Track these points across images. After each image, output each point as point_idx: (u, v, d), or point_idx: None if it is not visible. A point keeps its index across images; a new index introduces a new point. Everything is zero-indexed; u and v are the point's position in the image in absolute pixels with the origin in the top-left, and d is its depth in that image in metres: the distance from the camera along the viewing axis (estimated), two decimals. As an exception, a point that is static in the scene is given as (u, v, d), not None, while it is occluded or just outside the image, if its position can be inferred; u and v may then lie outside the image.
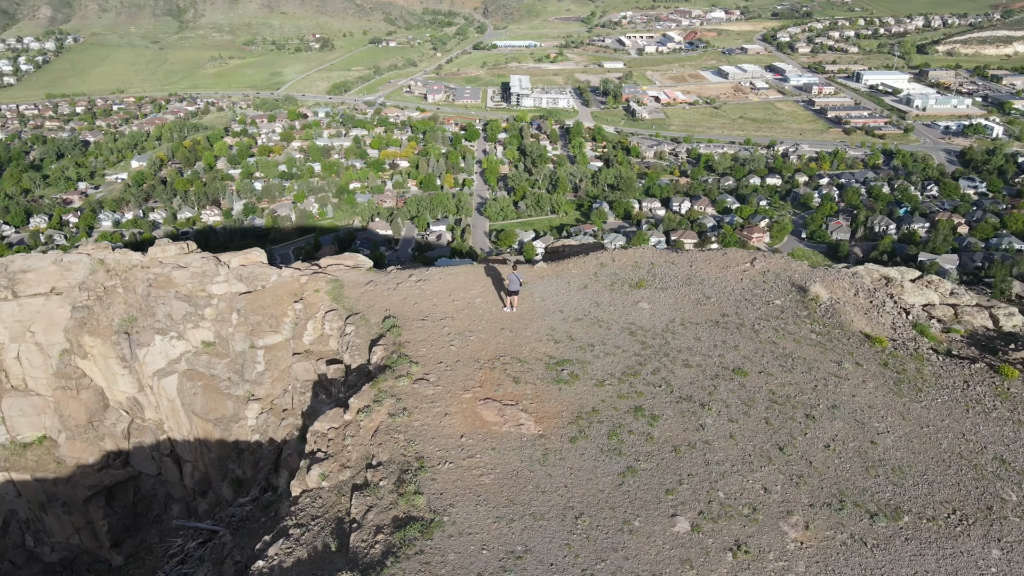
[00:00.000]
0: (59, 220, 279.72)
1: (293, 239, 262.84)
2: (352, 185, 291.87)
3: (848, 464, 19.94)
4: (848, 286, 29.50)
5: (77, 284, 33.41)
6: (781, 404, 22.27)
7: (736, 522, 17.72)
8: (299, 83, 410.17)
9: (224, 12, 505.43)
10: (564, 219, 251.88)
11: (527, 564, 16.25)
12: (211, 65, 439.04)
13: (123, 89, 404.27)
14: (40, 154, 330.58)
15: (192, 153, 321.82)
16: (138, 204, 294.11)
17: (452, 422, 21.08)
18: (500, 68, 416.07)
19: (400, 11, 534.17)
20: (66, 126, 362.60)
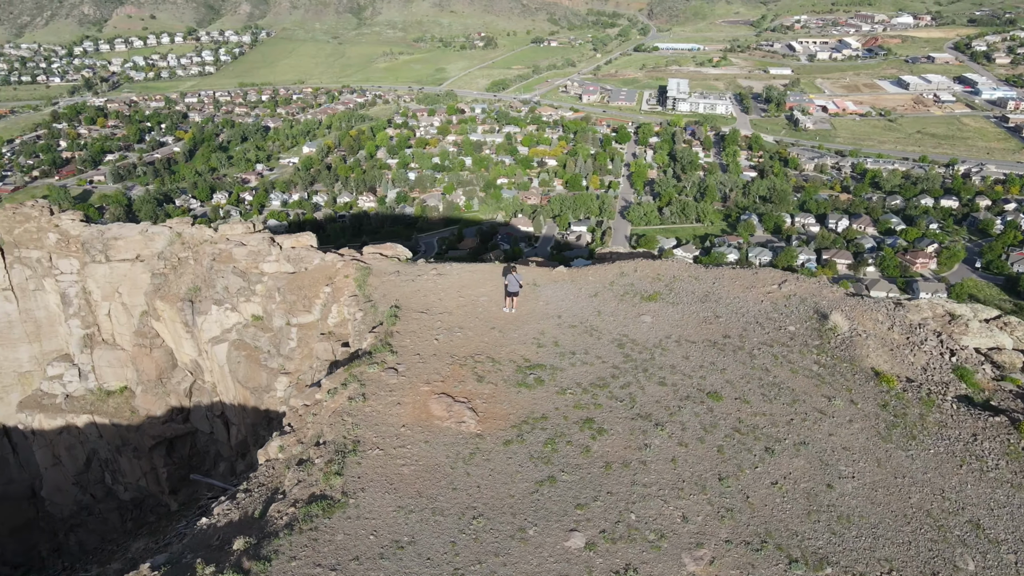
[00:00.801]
0: (237, 197, 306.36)
1: (439, 229, 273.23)
2: (499, 180, 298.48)
3: (790, 505, 18.66)
4: (883, 318, 27.16)
5: (157, 253, 37.40)
6: (743, 434, 21.12)
7: (636, 547, 17.19)
8: (460, 79, 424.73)
9: (399, 10, 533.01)
10: (709, 229, 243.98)
11: (405, 555, 16.72)
12: (382, 60, 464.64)
13: (303, 80, 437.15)
14: (228, 137, 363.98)
15: (356, 142, 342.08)
16: (304, 187, 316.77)
17: (400, 412, 21.84)
18: (659, 71, 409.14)
19: (564, 11, 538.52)
20: (252, 112, 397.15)
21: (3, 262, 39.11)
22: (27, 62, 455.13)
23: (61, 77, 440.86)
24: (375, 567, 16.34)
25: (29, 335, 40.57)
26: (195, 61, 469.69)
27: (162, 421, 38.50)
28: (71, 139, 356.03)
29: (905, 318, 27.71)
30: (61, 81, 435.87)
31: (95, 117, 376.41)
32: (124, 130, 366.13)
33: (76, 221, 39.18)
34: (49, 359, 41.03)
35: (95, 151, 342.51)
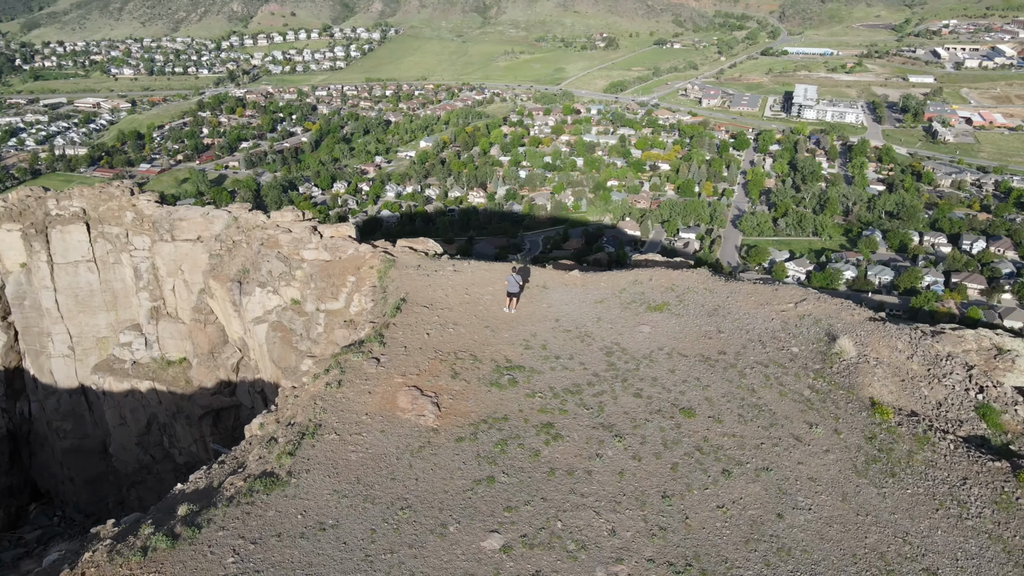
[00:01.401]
0: (355, 187, 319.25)
1: (545, 228, 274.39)
2: (610, 182, 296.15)
3: (730, 531, 17.91)
4: (904, 347, 25.34)
5: (215, 235, 40.05)
6: (704, 453, 20.40)
7: (552, 554, 17.06)
8: (578, 80, 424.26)
9: (523, 10, 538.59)
10: (827, 243, 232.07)
11: (324, 537, 17.35)
12: (503, 59, 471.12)
13: (426, 77, 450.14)
14: (351, 129, 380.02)
15: (471, 138, 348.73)
16: (418, 180, 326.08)
17: (368, 401, 22.53)
18: (786, 76, 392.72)
19: (691, 13, 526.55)
20: (375, 106, 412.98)
21: (88, 236, 43.10)
22: (180, 55, 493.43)
23: (209, 69, 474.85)
24: (292, 545, 17.08)
25: (107, 304, 44.55)
26: (327, 56, 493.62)
27: (211, 393, 41.34)
28: (212, 127, 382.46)
29: (931, 348, 25.71)
30: (208, 73, 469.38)
31: (235, 107, 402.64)
32: (259, 120, 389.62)
33: (151, 202, 42.59)
34: (122, 327, 44.88)
35: (232, 139, 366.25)
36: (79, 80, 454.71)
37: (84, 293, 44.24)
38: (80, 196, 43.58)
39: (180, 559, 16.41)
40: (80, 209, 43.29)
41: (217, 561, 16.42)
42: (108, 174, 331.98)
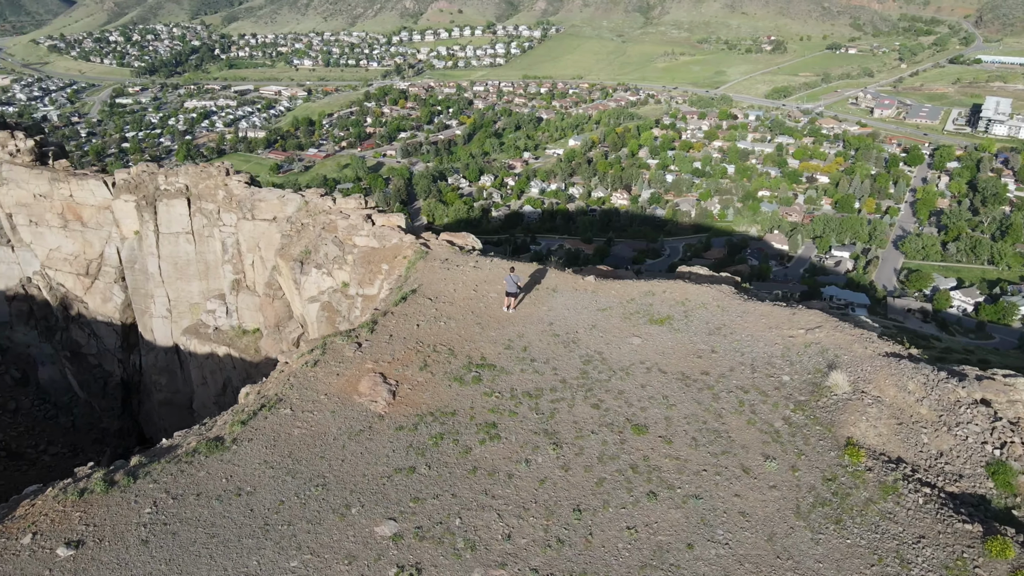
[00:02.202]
0: (501, 181, 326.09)
1: (686, 235, 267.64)
2: (760, 193, 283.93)
3: (630, 554, 17.32)
4: (916, 388, 23.03)
5: (287, 217, 42.98)
6: (638, 473, 19.73)
7: (439, 549, 17.28)
8: (739, 84, 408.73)
9: (687, 10, 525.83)
10: (1003, 274, 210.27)
11: (236, 501, 18.56)
12: (662, 60, 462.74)
13: (582, 76, 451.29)
14: (503, 125, 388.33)
15: (620, 139, 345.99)
16: (563, 178, 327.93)
17: (333, 382, 23.60)
18: (976, 87, 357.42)
19: (871, 16, 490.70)
20: (529, 103, 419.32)
21: (189, 210, 47.63)
22: (355, 48, 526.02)
23: (378, 62, 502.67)
24: (206, 504, 18.43)
25: (200, 273, 49.04)
26: (488, 53, 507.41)
27: (275, 363, 44.41)
28: (376, 117, 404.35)
29: (952, 393, 23.16)
30: (377, 66, 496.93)
31: (397, 99, 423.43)
32: (418, 112, 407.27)
33: (240, 183, 46.38)
34: (210, 295, 49.20)
35: (392, 129, 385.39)
36: (265, 69, 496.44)
37: (182, 262, 48.97)
38: (185, 174, 48.26)
39: (107, 503, 18.23)
40: (184, 186, 47.93)
41: (136, 510, 18.08)
42: (280, 156, 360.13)
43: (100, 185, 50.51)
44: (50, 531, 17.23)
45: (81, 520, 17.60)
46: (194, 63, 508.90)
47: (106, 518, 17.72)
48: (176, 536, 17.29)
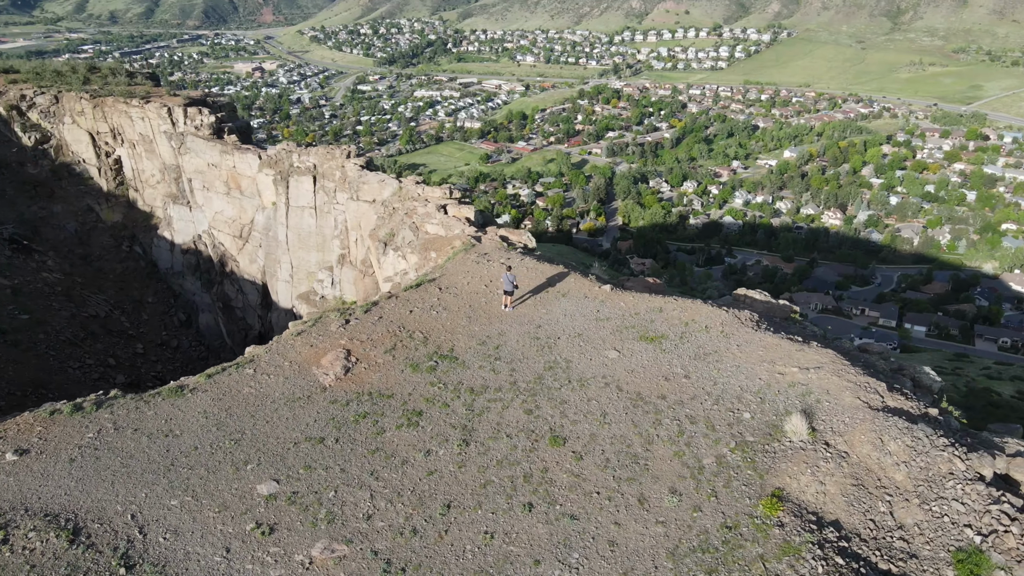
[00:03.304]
0: (704, 188, 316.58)
1: (904, 264, 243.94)
2: (1004, 225, 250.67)
3: (475, 556, 17.31)
4: (900, 451, 20.22)
5: (383, 200, 45.85)
6: (528, 483, 19.46)
7: (300, 515, 18.34)
8: (998, 101, 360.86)
9: (945, 16, 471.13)
10: None
11: (159, 441, 20.82)
12: (906, 70, 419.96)
13: (809, 84, 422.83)
14: (715, 131, 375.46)
15: (842, 154, 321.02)
16: (771, 190, 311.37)
17: (303, 352, 25.34)
18: None
19: None
20: (746, 110, 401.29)
21: (313, 187, 52.42)
22: (576, 46, 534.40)
23: (597, 61, 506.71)
24: (134, 439, 20.92)
25: (317, 245, 53.73)
26: (710, 56, 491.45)
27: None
28: (586, 115, 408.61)
29: (943, 464, 19.98)
30: (596, 65, 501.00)
31: (610, 98, 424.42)
32: (629, 112, 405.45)
33: (355, 165, 50.13)
34: (323, 266, 53.73)
35: (600, 128, 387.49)
36: (490, 64, 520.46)
37: (304, 233, 54.00)
38: (314, 154, 53.12)
39: (64, 424, 21.40)
40: (312, 164, 52.79)
41: (81, 433, 21.04)
42: (491, 146, 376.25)
43: (255, 159, 57.07)
44: (12, 438, 20.66)
45: (38, 434, 20.89)
46: (428, 56, 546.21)
47: (56, 436, 20.87)
48: (97, 460, 19.97)
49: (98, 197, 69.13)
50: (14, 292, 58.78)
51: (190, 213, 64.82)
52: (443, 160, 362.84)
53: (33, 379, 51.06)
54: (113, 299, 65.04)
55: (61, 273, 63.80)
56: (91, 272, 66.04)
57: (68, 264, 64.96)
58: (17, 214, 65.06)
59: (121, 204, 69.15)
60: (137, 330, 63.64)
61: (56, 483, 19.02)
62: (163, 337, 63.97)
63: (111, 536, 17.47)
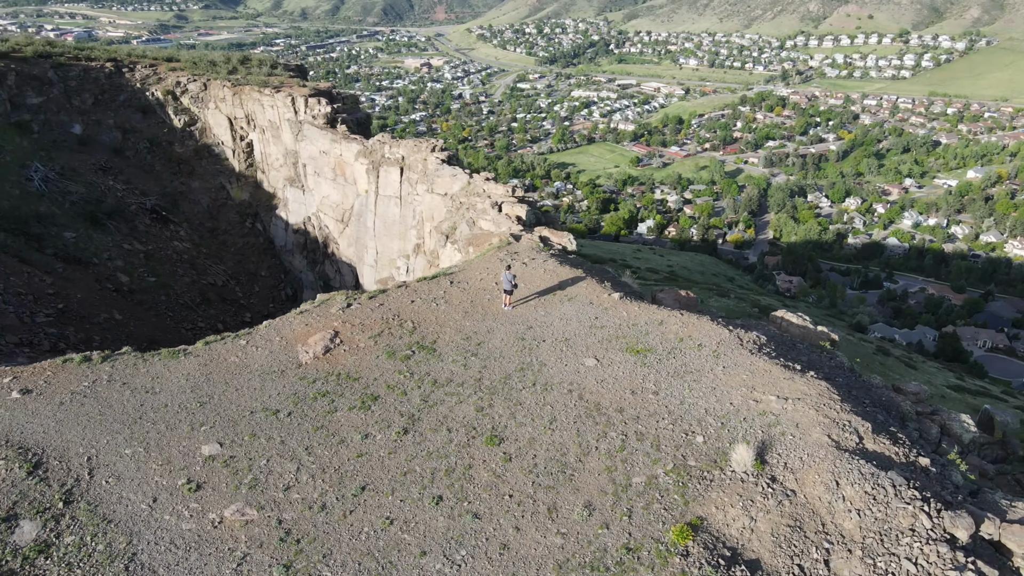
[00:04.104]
0: (869, 207, 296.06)
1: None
2: None
3: (367, 539, 17.83)
4: (857, 498, 18.57)
5: (452, 194, 47.01)
6: (448, 476, 19.68)
7: (230, 478, 19.62)
8: None
9: None
10: None
11: (138, 395, 22.88)
12: None
13: (1007, 98, 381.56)
14: (889, 145, 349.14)
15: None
16: (947, 213, 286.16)
17: (296, 330, 26.74)
18: None
19: None
20: (927, 124, 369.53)
21: (400, 178, 54.65)
22: (743, 50, 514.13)
23: (764, 66, 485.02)
24: (120, 391, 23.09)
25: (399, 233, 55.90)
26: (892, 64, 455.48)
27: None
28: (747, 122, 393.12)
29: (909, 519, 18.08)
30: (763, 70, 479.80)
31: (774, 105, 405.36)
32: (793, 121, 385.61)
33: (436, 159, 51.69)
34: (401, 254, 55.81)
35: (760, 136, 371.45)
36: (651, 66, 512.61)
37: (389, 221, 56.42)
38: (404, 146, 55.33)
39: (70, 372, 24.06)
40: (401, 156, 55.02)
41: (79, 381, 23.56)
42: (642, 150, 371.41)
43: (356, 148, 60.36)
44: (24, 380, 23.57)
45: (45, 378, 23.69)
46: (589, 56, 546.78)
47: (58, 381, 23.58)
48: (81, 406, 22.38)
49: (230, 176, 75.83)
50: (146, 257, 65.89)
51: (303, 196, 69.58)
52: (592, 161, 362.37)
53: (149, 336, 57.00)
54: (231, 270, 71.18)
55: (190, 243, 70.68)
56: (216, 244, 72.64)
57: (197, 235, 71.85)
58: (161, 187, 72.80)
59: (249, 184, 75.41)
60: (248, 300, 69.30)
61: (40, 421, 21.56)
62: (270, 309, 69.17)
63: (63, 473, 19.62)
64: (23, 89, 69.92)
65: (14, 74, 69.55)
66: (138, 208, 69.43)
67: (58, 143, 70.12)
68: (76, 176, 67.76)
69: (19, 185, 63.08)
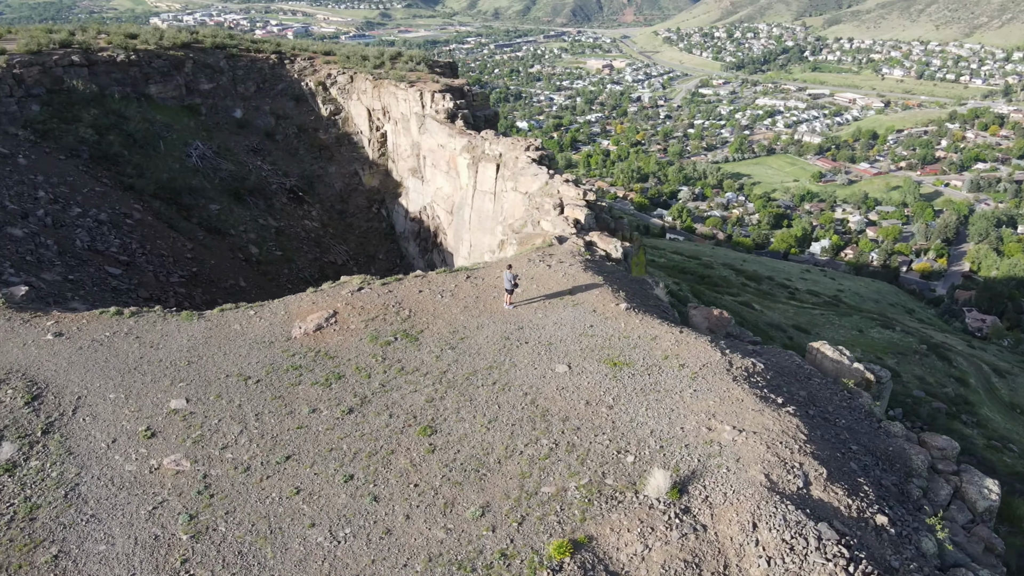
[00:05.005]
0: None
1: None
2: None
3: (268, 504, 18.88)
4: (771, 541, 17.19)
5: (531, 192, 47.17)
6: (368, 459, 20.36)
7: (182, 432, 21.45)
8: None
9: None
10: None
11: (143, 348, 25.38)
12: None
13: None
14: None
15: None
16: None
17: (305, 306, 28.27)
18: None
19: None
20: None
21: (496, 175, 55.68)
22: (959, 61, 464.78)
23: (983, 80, 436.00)
24: (125, 341, 25.79)
25: (490, 229, 56.74)
26: None
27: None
28: (953, 140, 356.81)
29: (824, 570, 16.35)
30: (981, 84, 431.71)
31: (989, 124, 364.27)
32: (1011, 142, 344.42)
33: (527, 158, 52.04)
34: (489, 249, 56.67)
35: (968, 157, 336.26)
36: (848, 76, 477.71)
37: (483, 216, 57.59)
38: (502, 144, 56.21)
39: (102, 321, 27.20)
40: (498, 153, 55.99)
41: (103, 330, 26.55)
42: (827, 165, 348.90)
43: (462, 144, 62.28)
44: (62, 325, 27.02)
45: (80, 326, 27.02)
46: (780, 63, 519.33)
47: (88, 329, 26.80)
48: (94, 352, 25.31)
49: (363, 164, 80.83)
50: (277, 232, 72.02)
51: (421, 186, 72.75)
52: (770, 173, 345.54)
53: (266, 303, 62.42)
54: (352, 251, 75.98)
55: (319, 223, 76.31)
56: (343, 226, 77.83)
57: (327, 216, 77.38)
58: (301, 170, 79.14)
59: (379, 172, 79.97)
60: (363, 281, 73.72)
61: (56, 361, 24.72)
62: (382, 291, 73.14)
63: (53, 407, 22.46)
64: (197, 76, 78.76)
65: (191, 62, 78.50)
66: (278, 187, 75.99)
67: (220, 125, 78.34)
68: (229, 155, 75.38)
69: (180, 160, 71.29)
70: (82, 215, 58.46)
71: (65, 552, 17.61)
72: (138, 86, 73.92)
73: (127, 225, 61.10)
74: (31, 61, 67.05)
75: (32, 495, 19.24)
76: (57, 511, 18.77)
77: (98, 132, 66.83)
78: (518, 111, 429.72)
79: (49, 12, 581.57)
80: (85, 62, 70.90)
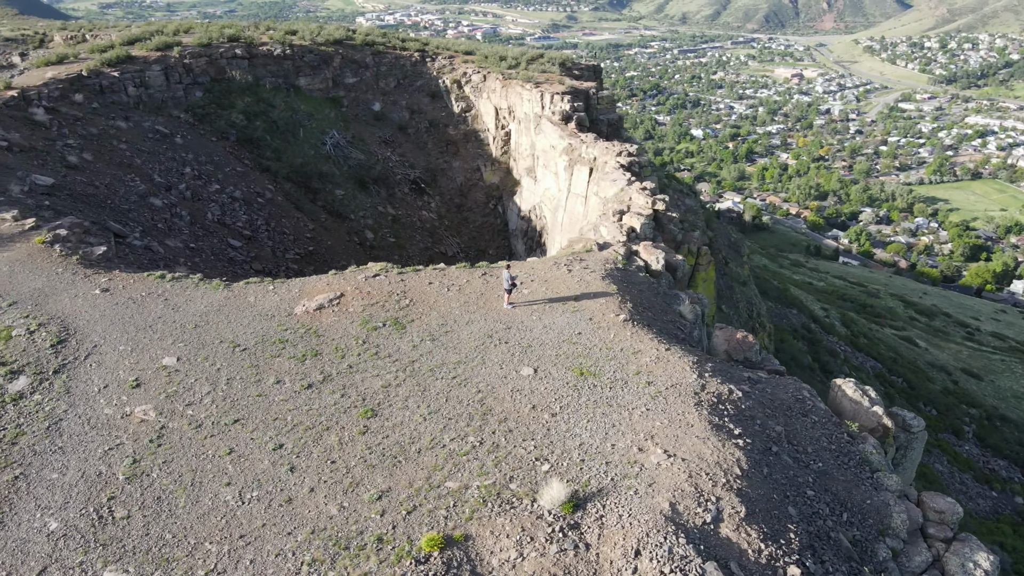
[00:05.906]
0: None
1: None
2: None
3: (201, 461, 20.43)
4: (651, 570, 16.31)
5: (606, 197, 46.14)
6: (305, 432, 21.43)
7: (162, 387, 23.63)
8: None
9: None
10: None
11: (166, 310, 27.99)
12: None
13: None
14: None
15: None
16: None
17: (319, 287, 29.70)
18: None
19: None
20: None
21: (588, 178, 55.01)
22: None
23: None
24: (155, 303, 28.46)
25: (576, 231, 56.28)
26: None
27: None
28: None
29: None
30: None
31: None
32: None
33: (616, 164, 50.89)
34: (577, 252, 56.05)
35: None
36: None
37: (574, 217, 57.03)
38: (598, 148, 55.38)
39: (146, 284, 30.27)
40: (593, 157, 55.25)
41: (142, 290, 29.51)
42: None
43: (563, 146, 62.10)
44: (111, 283, 30.37)
45: (126, 286, 30.26)
46: (1001, 78, 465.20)
47: (132, 288, 29.94)
48: (126, 308, 28.23)
49: (486, 161, 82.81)
50: (394, 220, 75.74)
51: (534, 185, 73.37)
52: (972, 200, 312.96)
53: (373, 287, 65.98)
54: (464, 244, 78.19)
55: (436, 215, 79.26)
56: (459, 219, 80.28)
57: (444, 208, 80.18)
58: (427, 163, 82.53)
59: (500, 169, 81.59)
60: (471, 274, 75.64)
61: (92, 313, 27.94)
62: (487, 285, 74.67)
63: (71, 351, 25.48)
64: (344, 70, 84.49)
65: (339, 57, 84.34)
66: (402, 178, 79.81)
67: (358, 116, 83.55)
68: (361, 145, 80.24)
69: (315, 147, 76.95)
70: (219, 191, 64.82)
71: (24, 475, 20.09)
72: (289, 78, 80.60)
73: (258, 203, 66.96)
74: (200, 53, 75.21)
75: (23, 423, 22.06)
76: (35, 440, 21.41)
77: (247, 118, 73.76)
78: (694, 118, 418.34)
79: (273, 11, 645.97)
80: (246, 55, 78.42)
